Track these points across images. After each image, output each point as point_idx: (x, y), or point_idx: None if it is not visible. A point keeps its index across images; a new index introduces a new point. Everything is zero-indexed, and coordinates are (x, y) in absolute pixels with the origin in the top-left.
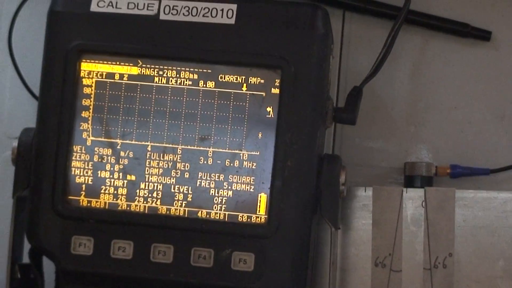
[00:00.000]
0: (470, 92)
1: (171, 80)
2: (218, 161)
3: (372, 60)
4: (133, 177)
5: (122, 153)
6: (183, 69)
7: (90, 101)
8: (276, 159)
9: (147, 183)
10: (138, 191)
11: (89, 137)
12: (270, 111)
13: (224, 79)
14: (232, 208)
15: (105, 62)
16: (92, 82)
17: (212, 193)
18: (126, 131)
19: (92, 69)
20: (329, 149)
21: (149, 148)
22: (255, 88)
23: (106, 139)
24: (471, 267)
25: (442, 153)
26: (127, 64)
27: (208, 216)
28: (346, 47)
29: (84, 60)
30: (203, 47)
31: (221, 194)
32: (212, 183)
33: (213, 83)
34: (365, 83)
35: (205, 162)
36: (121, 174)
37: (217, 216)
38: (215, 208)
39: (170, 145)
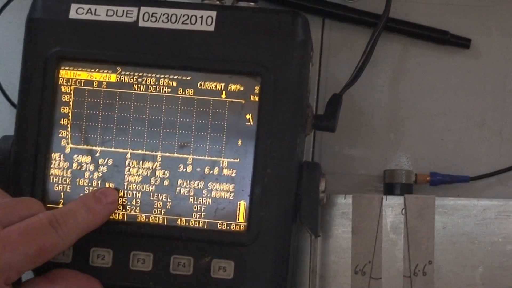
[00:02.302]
0: (450, 100)
1: (150, 88)
2: (198, 169)
3: (351, 67)
4: (112, 185)
5: (101, 161)
6: (162, 76)
7: (69, 108)
8: (255, 167)
9: (126, 191)
10: None
11: (68, 144)
12: (249, 118)
13: (203, 86)
14: (212, 216)
15: (84, 69)
16: (71, 90)
17: (191, 201)
18: (105, 138)
19: (70, 77)
20: (309, 156)
21: (128, 156)
22: (235, 96)
23: (85, 147)
24: (451, 274)
25: (422, 161)
26: (106, 71)
27: (187, 224)
28: (326, 54)
29: (62, 68)
30: (182, 55)
31: (200, 201)
32: (192, 191)
33: (192, 90)
34: (345, 91)
35: (184, 169)
36: (100, 181)
37: (196, 224)
38: (195, 215)
39: (150, 153)
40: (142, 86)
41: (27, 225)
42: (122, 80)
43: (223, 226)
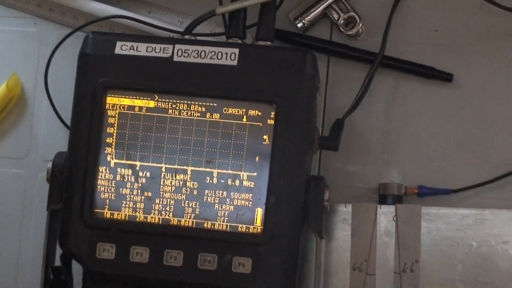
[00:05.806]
0: (435, 125)
1: (183, 112)
2: (222, 181)
3: (352, 97)
4: (150, 194)
5: (140, 173)
6: (193, 103)
7: (114, 129)
8: (271, 180)
9: (161, 199)
10: (153, 205)
11: (112, 159)
12: (266, 139)
13: (228, 111)
14: (233, 220)
15: (127, 96)
16: (116, 114)
17: (216, 208)
18: (144, 154)
19: (115, 103)
20: (315, 171)
21: (163, 169)
22: (254, 120)
23: (127, 162)
24: (434, 271)
25: (411, 176)
26: (146, 98)
27: (213, 226)
28: (331, 86)
29: (109, 95)
30: (210, 85)
31: (224, 208)
32: (217, 199)
33: (218, 115)
34: (346, 116)
35: (210, 181)
36: (139, 191)
37: (220, 227)
38: (219, 220)
39: (181, 167)
40: (176, 111)
41: None
42: (159, 106)
43: (242, 229)
